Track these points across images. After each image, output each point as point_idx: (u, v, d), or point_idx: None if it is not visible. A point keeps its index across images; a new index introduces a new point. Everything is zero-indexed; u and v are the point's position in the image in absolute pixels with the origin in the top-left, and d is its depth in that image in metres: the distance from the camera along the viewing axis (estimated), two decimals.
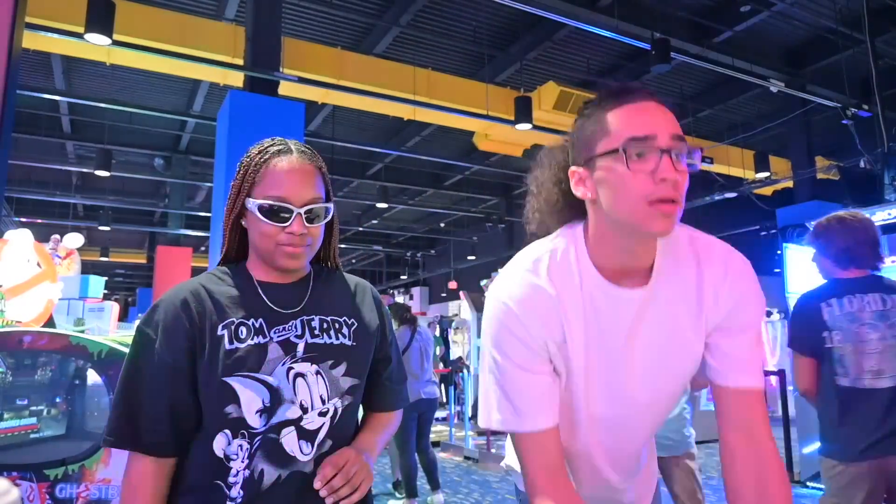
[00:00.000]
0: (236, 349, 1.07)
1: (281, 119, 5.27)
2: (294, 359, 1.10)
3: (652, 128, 0.92)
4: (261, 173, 1.13)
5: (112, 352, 2.59)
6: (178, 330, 1.07)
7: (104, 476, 2.50)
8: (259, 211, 1.10)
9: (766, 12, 7.56)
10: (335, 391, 1.12)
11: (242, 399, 1.05)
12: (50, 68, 8.84)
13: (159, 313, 1.09)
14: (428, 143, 11.99)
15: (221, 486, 1.04)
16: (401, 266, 23.33)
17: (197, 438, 1.08)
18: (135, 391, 1.06)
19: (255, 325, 1.10)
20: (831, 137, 10.26)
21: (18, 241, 3.82)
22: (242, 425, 1.05)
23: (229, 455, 1.05)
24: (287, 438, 1.07)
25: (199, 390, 1.07)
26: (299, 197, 1.11)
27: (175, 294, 1.11)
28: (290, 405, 1.07)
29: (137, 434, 1.05)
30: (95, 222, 14.29)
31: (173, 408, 1.06)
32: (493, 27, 8.19)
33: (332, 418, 1.11)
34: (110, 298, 7.98)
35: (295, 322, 1.13)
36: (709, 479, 6.08)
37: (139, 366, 1.07)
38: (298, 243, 1.10)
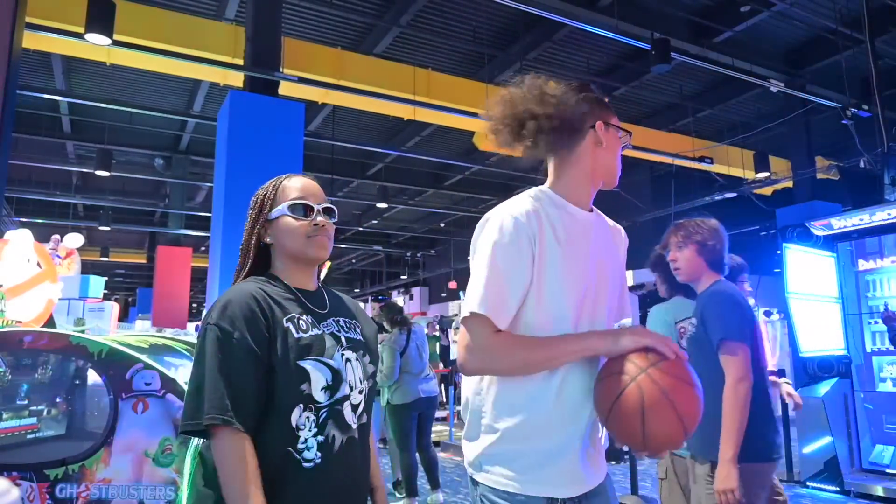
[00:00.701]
0: (303, 337, 1.29)
1: (281, 119, 5.27)
2: (343, 347, 1.35)
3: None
4: (278, 192, 1.40)
5: (112, 352, 2.59)
6: (255, 322, 1.25)
7: (104, 476, 2.50)
8: (289, 210, 1.36)
9: (766, 12, 7.55)
10: (365, 374, 1.40)
11: (312, 378, 1.27)
12: (50, 68, 8.84)
13: (233, 309, 1.25)
14: (428, 143, 11.99)
15: (292, 452, 1.24)
16: (401, 266, 23.31)
17: (271, 414, 1.25)
18: (227, 376, 1.21)
19: (309, 321, 1.33)
20: (831, 137, 10.26)
21: (18, 241, 3.82)
22: (311, 400, 1.27)
23: (299, 425, 1.25)
24: (346, 410, 1.32)
25: (278, 373, 1.25)
26: (316, 197, 1.40)
27: (240, 293, 1.29)
28: (345, 384, 1.32)
29: (237, 413, 1.19)
30: (95, 222, 14.29)
31: (257, 389, 1.23)
32: (493, 27, 8.19)
33: (365, 396, 1.38)
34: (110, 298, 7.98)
35: (330, 320, 1.39)
36: None
37: (226, 354, 1.22)
38: (323, 233, 1.37)
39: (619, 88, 9.80)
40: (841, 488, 5.39)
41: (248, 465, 1.18)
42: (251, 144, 5.02)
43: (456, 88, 8.55)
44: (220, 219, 4.94)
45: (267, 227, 1.39)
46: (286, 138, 5.21)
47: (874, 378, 5.62)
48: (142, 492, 2.59)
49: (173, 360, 3.05)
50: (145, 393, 2.56)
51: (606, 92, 9.51)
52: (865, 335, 5.74)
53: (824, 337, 5.90)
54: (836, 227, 5.91)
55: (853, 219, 5.78)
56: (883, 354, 5.60)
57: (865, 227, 5.74)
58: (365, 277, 27.13)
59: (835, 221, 5.91)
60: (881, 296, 5.68)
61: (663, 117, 10.87)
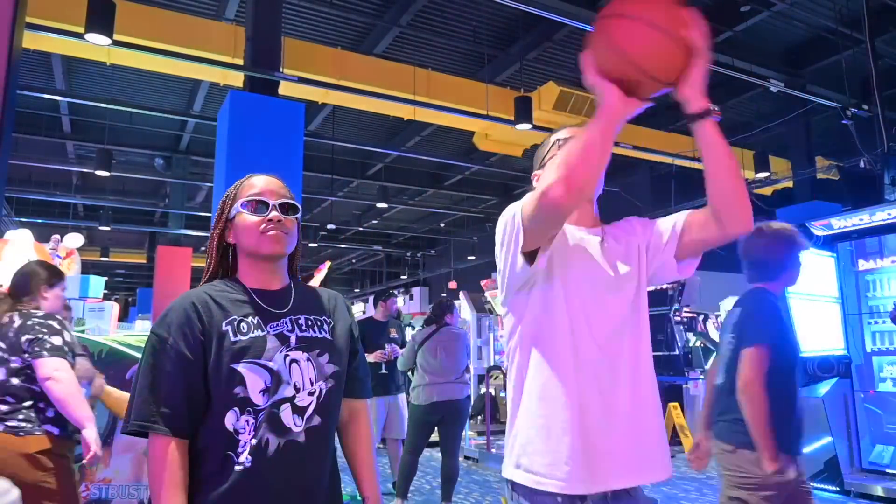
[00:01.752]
0: (239, 340, 1.28)
1: (281, 119, 5.26)
2: (289, 348, 1.32)
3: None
4: (240, 190, 1.42)
5: (112, 351, 2.59)
6: (190, 328, 1.28)
7: (104, 476, 2.51)
8: (243, 207, 1.37)
9: (766, 12, 7.55)
10: (321, 375, 1.35)
11: (248, 381, 1.26)
12: (50, 68, 8.84)
13: (171, 316, 1.30)
14: (428, 143, 11.99)
15: (232, 455, 1.24)
16: (401, 266, 23.32)
17: (208, 418, 1.26)
18: (156, 381, 1.25)
19: (254, 322, 1.32)
20: (831, 137, 10.25)
21: (19, 240, 3.83)
22: (248, 403, 1.25)
23: (237, 429, 1.25)
24: (284, 413, 1.27)
25: (210, 377, 1.26)
26: (273, 195, 1.39)
27: (184, 300, 1.32)
28: (287, 385, 1.29)
29: (161, 417, 1.22)
30: (96, 222, 14.29)
31: (188, 393, 1.25)
32: (493, 27, 8.19)
33: (318, 398, 1.33)
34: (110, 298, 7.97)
35: (285, 319, 1.36)
36: (708, 479, 6.09)
37: (157, 360, 1.26)
38: (277, 228, 1.35)
39: None
40: (841, 488, 5.39)
41: (169, 469, 1.21)
42: (251, 144, 5.02)
43: (456, 88, 8.55)
44: None
45: (229, 226, 1.41)
46: (286, 138, 5.21)
47: (874, 378, 5.62)
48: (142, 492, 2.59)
49: None
50: None
51: None
52: (865, 335, 5.74)
53: (824, 337, 5.90)
54: (836, 227, 5.91)
55: (853, 219, 5.78)
56: (883, 354, 5.61)
57: (865, 227, 5.74)
58: (365, 277, 27.13)
59: (835, 221, 5.91)
60: (881, 296, 5.68)
61: (663, 117, 10.86)
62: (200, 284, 1.42)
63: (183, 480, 1.23)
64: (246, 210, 1.37)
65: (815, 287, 5.96)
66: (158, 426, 1.22)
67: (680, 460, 7.07)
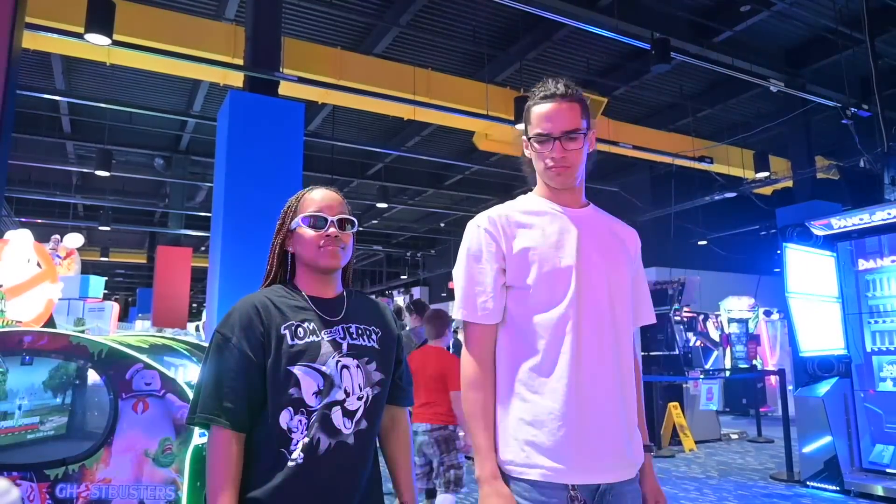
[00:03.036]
0: (296, 344, 1.37)
1: (281, 119, 5.26)
2: (341, 354, 1.40)
3: (549, 126, 1.45)
4: (301, 204, 1.50)
5: (112, 352, 2.59)
6: (252, 329, 1.36)
7: (104, 476, 2.50)
8: (304, 222, 1.46)
9: (766, 12, 7.55)
10: (368, 382, 1.42)
11: (303, 383, 1.34)
12: (50, 68, 8.83)
13: (234, 318, 1.39)
14: (428, 143, 11.99)
15: (284, 452, 1.32)
16: (401, 266, 23.32)
17: (264, 416, 1.34)
18: (220, 378, 1.34)
19: (310, 328, 1.40)
20: (831, 137, 10.26)
21: (18, 241, 3.82)
22: (302, 404, 1.34)
23: (291, 428, 1.33)
24: (335, 415, 1.35)
25: (268, 377, 1.34)
26: (331, 210, 1.47)
27: (246, 303, 1.41)
28: (338, 389, 1.37)
29: (223, 411, 1.31)
30: (95, 222, 14.29)
31: (249, 390, 1.33)
32: (492, 27, 8.19)
33: (366, 403, 1.41)
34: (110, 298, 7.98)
35: (338, 327, 1.44)
36: (708, 479, 6.09)
37: (221, 357, 1.35)
38: (335, 244, 1.44)
39: (619, 88, 9.80)
40: (841, 488, 5.39)
41: (226, 461, 1.29)
42: (251, 144, 5.01)
43: (456, 88, 8.55)
44: (220, 219, 4.93)
45: (289, 236, 1.50)
46: (286, 138, 5.20)
47: (874, 378, 5.62)
48: (142, 492, 2.58)
49: (173, 360, 3.05)
50: (145, 393, 2.56)
51: (606, 92, 9.52)
52: (865, 335, 5.74)
53: (824, 336, 5.90)
54: (836, 227, 5.91)
55: (853, 218, 5.78)
56: (883, 354, 5.60)
57: (865, 227, 5.73)
58: (365, 277, 27.14)
59: (835, 221, 5.91)
60: (881, 295, 5.68)
61: (663, 117, 10.87)
62: (261, 289, 1.50)
63: (237, 473, 1.31)
64: (306, 224, 1.46)
65: (816, 287, 5.96)
66: (221, 419, 1.30)
67: (680, 460, 7.07)
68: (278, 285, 1.50)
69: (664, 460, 7.07)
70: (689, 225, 12.29)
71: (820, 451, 5.56)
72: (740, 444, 8.31)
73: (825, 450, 5.52)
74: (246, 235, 4.62)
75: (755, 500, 5.31)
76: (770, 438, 8.33)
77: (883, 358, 5.60)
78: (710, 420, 8.41)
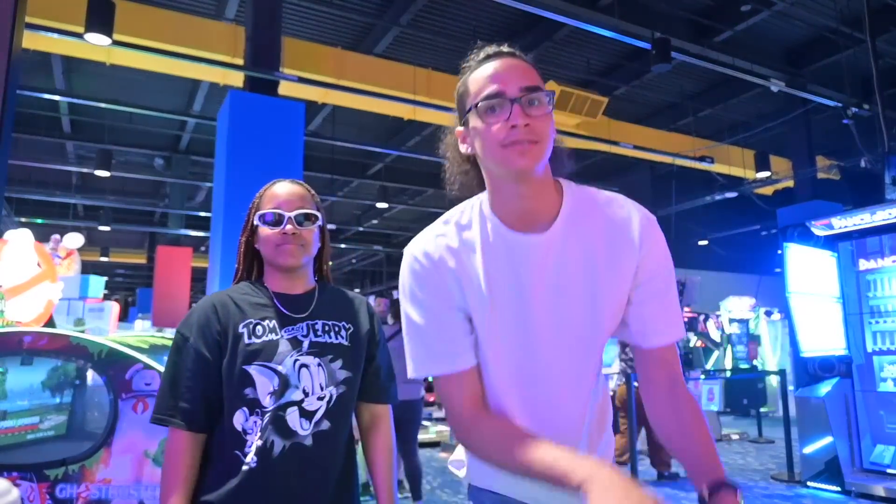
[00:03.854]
0: (253, 343, 1.33)
1: (281, 119, 5.25)
2: (300, 352, 1.35)
3: (500, 86, 1.00)
4: (263, 198, 1.46)
5: (112, 352, 2.58)
6: (209, 328, 1.34)
7: (104, 476, 2.50)
8: (260, 220, 1.42)
9: (767, 12, 7.55)
10: (332, 381, 1.37)
11: (258, 383, 1.30)
12: (50, 68, 8.83)
13: (193, 317, 1.37)
14: (428, 143, 11.98)
15: (239, 455, 1.28)
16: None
17: (221, 416, 1.32)
18: (176, 378, 1.32)
19: (270, 325, 1.37)
20: (832, 137, 10.25)
21: (18, 241, 3.82)
22: (257, 404, 1.30)
23: (246, 429, 1.30)
24: (290, 416, 1.31)
25: (223, 377, 1.32)
26: (290, 206, 1.42)
27: (206, 302, 1.40)
28: (295, 389, 1.32)
29: (178, 411, 1.30)
30: (95, 222, 14.28)
31: (205, 390, 1.31)
32: (493, 27, 8.18)
33: (328, 402, 1.35)
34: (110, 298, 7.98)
35: (302, 325, 1.39)
36: None
37: (178, 358, 1.34)
38: (292, 241, 1.39)
39: (619, 88, 9.80)
40: (842, 488, 5.38)
41: (179, 463, 1.28)
42: (251, 144, 5.01)
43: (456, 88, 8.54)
44: (219, 219, 4.93)
45: (254, 234, 1.47)
46: (286, 138, 5.20)
47: (875, 378, 5.61)
48: (141, 492, 2.58)
49: None
50: (145, 393, 2.56)
51: (607, 91, 9.51)
52: (866, 335, 5.73)
53: (825, 337, 5.90)
54: (837, 227, 5.91)
55: (854, 218, 5.78)
56: (884, 354, 5.60)
57: (866, 227, 5.73)
58: (365, 277, 27.13)
59: (836, 221, 5.91)
60: (882, 295, 5.67)
61: (664, 117, 10.86)
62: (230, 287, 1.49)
63: (191, 475, 1.29)
64: (264, 222, 1.42)
65: (816, 286, 5.95)
66: (175, 420, 1.29)
67: None
68: (245, 283, 1.48)
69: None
70: (690, 225, 12.30)
71: (821, 451, 5.55)
72: (741, 444, 8.30)
73: (826, 450, 5.51)
74: None
75: (756, 500, 5.30)
76: (771, 439, 8.32)
77: (884, 358, 5.59)
78: (710, 420, 8.41)
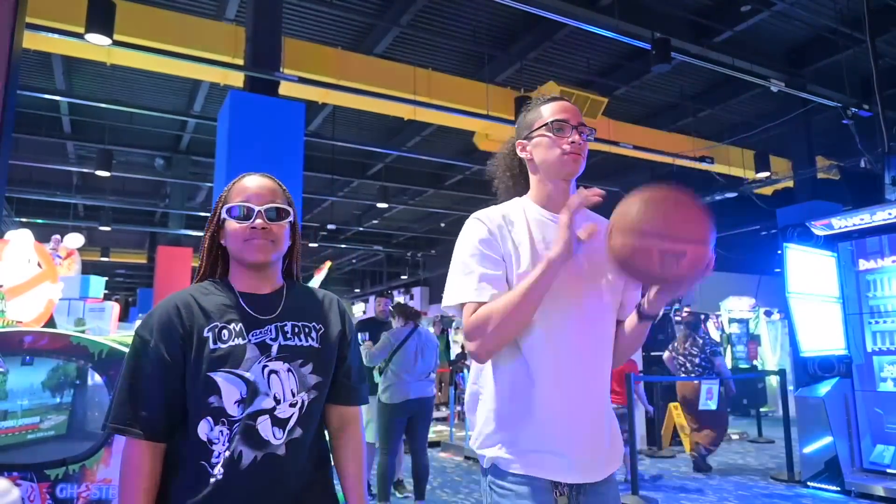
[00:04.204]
0: (218, 348, 1.25)
1: (281, 119, 5.26)
2: (269, 358, 1.28)
3: (568, 116, 1.52)
4: (230, 192, 1.38)
5: (112, 352, 2.59)
6: (171, 332, 1.25)
7: (105, 476, 2.50)
8: (228, 213, 1.34)
9: (767, 12, 7.55)
10: (303, 386, 1.31)
11: (223, 391, 1.23)
12: (50, 69, 8.83)
13: (154, 318, 1.28)
14: (428, 143, 11.98)
15: (205, 465, 1.21)
16: (401, 266, 23.31)
17: (185, 425, 1.24)
18: (135, 384, 1.24)
19: (236, 329, 1.28)
20: (832, 137, 10.25)
21: (19, 241, 3.82)
22: (223, 413, 1.23)
23: (211, 439, 1.22)
24: (262, 425, 1.24)
25: (187, 384, 1.24)
26: (260, 200, 1.34)
27: (168, 302, 1.30)
28: (265, 397, 1.25)
29: (137, 420, 1.21)
30: (96, 222, 14.29)
31: (167, 398, 1.23)
32: (493, 27, 8.18)
33: (301, 409, 1.29)
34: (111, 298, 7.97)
35: (270, 327, 1.32)
36: (709, 479, 6.08)
37: (138, 363, 1.25)
38: (261, 237, 1.32)
39: (619, 88, 9.80)
40: (842, 488, 5.38)
41: (138, 475, 1.21)
42: (251, 144, 5.02)
43: (456, 88, 8.55)
44: None
45: (221, 228, 1.38)
46: (286, 138, 5.21)
47: (875, 378, 5.62)
48: None
49: None
50: None
51: (607, 92, 9.51)
52: (866, 335, 5.74)
53: (825, 337, 5.90)
54: (837, 227, 5.91)
55: (854, 218, 5.78)
56: (883, 354, 5.60)
57: (866, 227, 5.73)
58: (365, 277, 27.13)
59: (835, 221, 5.91)
60: (882, 296, 5.68)
61: (664, 117, 10.86)
62: (191, 285, 1.39)
63: (151, 487, 1.22)
64: (231, 216, 1.34)
65: (816, 287, 5.96)
66: (134, 430, 1.21)
67: (681, 460, 7.06)
68: (208, 281, 1.39)
69: (665, 461, 7.07)
70: None
71: (820, 451, 5.55)
72: (741, 444, 8.31)
73: (826, 450, 5.51)
74: None
75: (755, 500, 5.31)
76: (770, 439, 8.33)
77: (883, 358, 5.60)
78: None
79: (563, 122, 1.50)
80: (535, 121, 1.54)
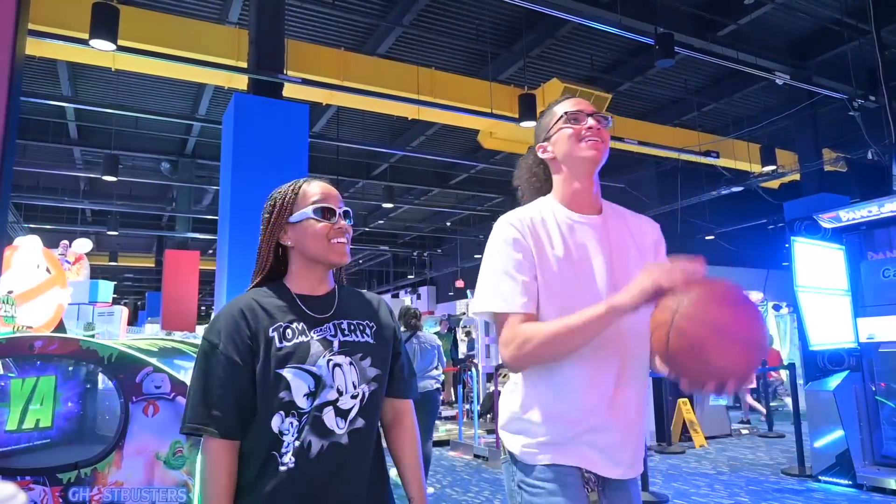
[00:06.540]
0: (284, 346, 1.33)
1: (286, 121, 5.27)
2: (332, 352, 1.36)
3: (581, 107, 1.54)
4: (298, 196, 1.43)
5: (122, 355, 2.60)
6: (238, 334, 1.33)
7: (116, 479, 2.52)
8: (313, 213, 1.40)
9: (771, 4, 7.51)
10: (363, 378, 1.38)
11: (293, 385, 1.31)
12: (56, 75, 8.89)
13: (221, 323, 1.35)
14: (433, 143, 11.99)
15: (276, 455, 1.29)
16: (408, 266, 23.33)
17: (256, 420, 1.31)
18: (206, 386, 1.31)
19: (299, 328, 1.36)
20: (838, 129, 10.20)
21: (28, 247, 3.85)
22: (293, 406, 1.30)
23: (283, 431, 1.30)
24: (327, 416, 1.32)
25: (257, 381, 1.31)
26: (336, 201, 1.43)
27: (232, 307, 1.37)
28: (330, 389, 1.33)
29: (211, 419, 1.28)
30: (104, 227, 14.38)
31: (238, 397, 1.30)
32: (496, 25, 8.18)
33: (362, 400, 1.37)
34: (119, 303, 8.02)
35: (328, 325, 1.40)
36: (719, 475, 6.06)
37: (208, 366, 1.32)
38: (344, 236, 1.41)
39: (623, 84, 9.77)
40: (853, 482, 5.36)
41: (219, 471, 1.29)
42: (256, 147, 5.03)
43: (460, 87, 8.55)
44: (227, 221, 4.95)
45: (287, 229, 1.42)
46: (291, 140, 5.22)
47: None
48: (153, 494, 2.60)
49: (183, 363, 3.07)
50: (155, 396, 2.57)
51: (611, 88, 9.49)
52: None
53: (834, 330, 5.87)
54: (845, 220, 5.87)
55: (861, 211, 5.74)
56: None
57: (874, 219, 5.69)
58: (372, 277, 27.17)
59: (843, 214, 5.87)
60: None
61: (668, 112, 10.83)
62: (251, 287, 1.45)
63: (231, 482, 1.30)
64: (315, 217, 1.39)
65: (825, 280, 5.92)
66: (210, 429, 1.28)
67: (690, 456, 7.04)
68: (264, 287, 1.44)
69: (675, 456, 7.05)
70: (696, 220, 12.24)
71: (831, 445, 5.52)
72: (751, 439, 8.28)
73: (837, 444, 5.48)
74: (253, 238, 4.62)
75: (767, 495, 5.29)
76: (781, 433, 8.29)
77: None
78: (720, 415, 8.38)
79: (578, 112, 1.52)
80: (551, 120, 1.56)
